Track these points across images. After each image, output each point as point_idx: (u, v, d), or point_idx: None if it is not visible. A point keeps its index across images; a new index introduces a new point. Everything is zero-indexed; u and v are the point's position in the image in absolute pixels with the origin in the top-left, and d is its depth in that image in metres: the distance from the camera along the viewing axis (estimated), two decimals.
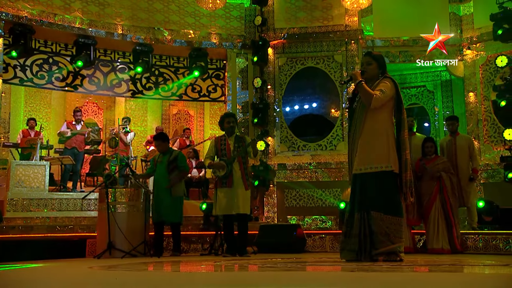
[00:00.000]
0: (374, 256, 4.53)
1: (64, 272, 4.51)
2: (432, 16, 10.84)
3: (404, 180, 4.63)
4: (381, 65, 4.80)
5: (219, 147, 6.71)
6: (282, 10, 10.57)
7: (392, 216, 4.55)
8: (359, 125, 4.70)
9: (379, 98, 4.55)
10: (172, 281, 3.47)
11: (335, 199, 9.83)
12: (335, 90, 10.30)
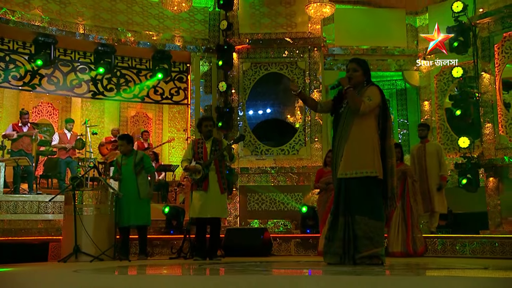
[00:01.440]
0: (358, 259, 4.45)
1: (54, 276, 4.14)
2: (390, 27, 11.03)
3: (390, 186, 4.59)
4: (366, 72, 4.74)
5: (196, 150, 6.50)
6: (247, 15, 10.44)
7: (375, 221, 4.49)
8: (346, 130, 4.62)
9: (367, 105, 4.50)
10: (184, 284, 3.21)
11: (297, 203, 9.75)
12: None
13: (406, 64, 10.94)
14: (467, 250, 7.37)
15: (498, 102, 8.92)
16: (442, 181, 8.14)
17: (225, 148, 6.42)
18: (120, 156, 7.16)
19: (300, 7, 10.29)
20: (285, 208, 9.83)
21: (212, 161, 6.36)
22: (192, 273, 4.10)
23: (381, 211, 4.55)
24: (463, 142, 8.94)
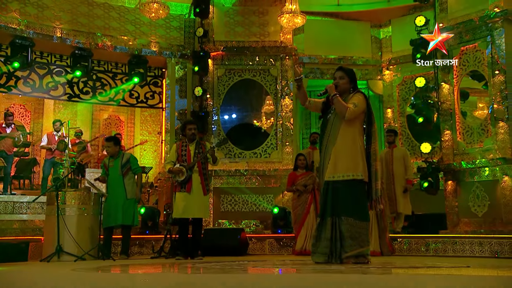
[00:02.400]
0: (345, 259, 4.53)
1: (58, 275, 4.06)
2: (355, 38, 11.30)
3: (375, 188, 4.70)
4: (352, 79, 4.84)
5: (180, 153, 6.52)
6: (222, 23, 10.49)
7: (361, 221, 4.58)
8: (333, 135, 4.71)
9: (352, 111, 4.60)
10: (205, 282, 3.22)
11: (268, 204, 9.85)
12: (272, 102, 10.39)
13: (371, 74, 11.22)
14: (431, 249, 7.63)
15: (456, 111, 9.25)
16: (408, 184, 8.41)
17: (209, 151, 6.46)
18: (108, 157, 7.11)
19: (273, 17, 10.42)
20: (256, 209, 9.91)
21: (195, 163, 6.39)
22: (192, 272, 4.10)
23: (366, 212, 4.66)
24: (425, 147, 9.23)
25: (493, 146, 8.68)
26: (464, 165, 8.94)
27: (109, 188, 6.86)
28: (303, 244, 7.79)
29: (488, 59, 8.90)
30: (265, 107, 10.67)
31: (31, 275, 3.96)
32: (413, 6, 10.69)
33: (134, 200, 6.95)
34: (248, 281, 3.17)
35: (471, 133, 9.05)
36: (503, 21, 8.82)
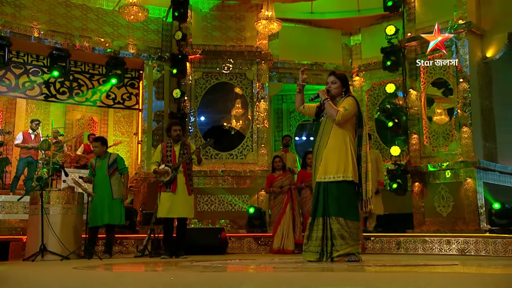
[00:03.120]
0: (336, 257, 4.55)
1: (62, 274, 3.97)
2: (327, 45, 11.48)
3: (365, 189, 4.74)
4: (344, 84, 4.87)
5: (165, 153, 6.48)
6: (199, 28, 10.48)
7: (352, 221, 4.60)
8: (325, 138, 4.75)
9: (343, 114, 4.65)
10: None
11: (244, 204, 9.89)
12: (246, 105, 10.42)
13: None
14: (402, 248, 7.83)
15: (423, 116, 9.53)
16: (380, 186, 8.60)
17: (195, 152, 6.45)
18: (95, 158, 7.01)
19: (249, 23, 10.48)
20: (232, 209, 9.94)
21: (181, 164, 6.37)
22: (202, 270, 4.07)
23: (357, 212, 4.69)
24: (395, 150, 9.47)
25: (457, 150, 8.99)
26: (430, 168, 9.22)
27: (96, 188, 6.75)
28: (280, 243, 7.86)
29: (453, 68, 9.22)
30: (235, 110, 10.70)
31: (35, 274, 3.87)
32: (381, 15, 10.93)
33: (121, 199, 6.87)
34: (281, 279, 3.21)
35: (437, 137, 9.35)
36: (467, 32, 9.16)
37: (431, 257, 6.80)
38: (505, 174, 9.54)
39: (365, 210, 4.76)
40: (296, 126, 12.48)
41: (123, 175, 6.97)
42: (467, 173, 8.80)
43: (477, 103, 9.14)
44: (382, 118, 10.21)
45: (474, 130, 8.92)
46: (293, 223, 7.91)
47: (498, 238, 7.25)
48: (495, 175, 9.25)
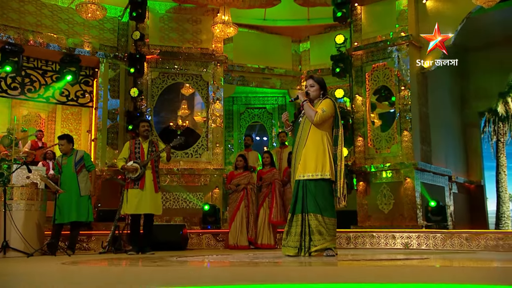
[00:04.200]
0: (313, 252, 4.63)
1: (53, 269, 3.77)
2: (278, 51, 11.68)
3: (340, 186, 4.86)
4: (322, 87, 4.96)
5: (133, 150, 6.35)
6: (156, 29, 10.32)
7: (328, 218, 4.70)
8: (303, 138, 4.82)
9: (321, 115, 4.74)
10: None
11: (198, 201, 9.84)
12: (201, 105, 10.39)
13: (291, 84, 11.65)
14: (351, 243, 8.12)
15: (368, 120, 9.91)
16: None
17: (164, 149, 6.37)
18: (61, 155, 6.72)
19: (205, 26, 10.46)
20: (187, 206, 9.86)
21: (149, 161, 6.28)
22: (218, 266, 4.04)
23: (333, 209, 4.80)
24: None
25: (398, 152, 9.44)
26: (373, 168, 9.61)
27: (63, 186, 6.47)
28: (235, 239, 7.91)
29: (395, 76, 9.67)
30: (181, 111, 10.64)
31: (31, 271, 3.69)
32: (329, 25, 11.26)
33: (88, 196, 6.64)
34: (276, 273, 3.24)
35: (380, 140, 9.76)
36: (408, 44, 9.64)
37: (384, 251, 7.10)
38: (438, 175, 10.13)
39: (340, 206, 4.86)
40: (246, 127, 12.59)
41: (90, 172, 6.75)
42: (407, 173, 9.26)
43: (416, 110, 9.64)
44: None
45: (413, 134, 9.40)
46: (247, 220, 7.98)
47: (437, 233, 7.69)
48: (429, 175, 9.79)
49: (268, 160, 8.16)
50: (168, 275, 2.98)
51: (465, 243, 7.33)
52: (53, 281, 2.78)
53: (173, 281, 2.65)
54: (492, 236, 7.21)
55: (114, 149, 10.03)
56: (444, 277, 2.60)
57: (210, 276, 2.97)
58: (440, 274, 2.88)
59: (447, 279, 2.46)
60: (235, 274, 3.09)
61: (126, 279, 2.71)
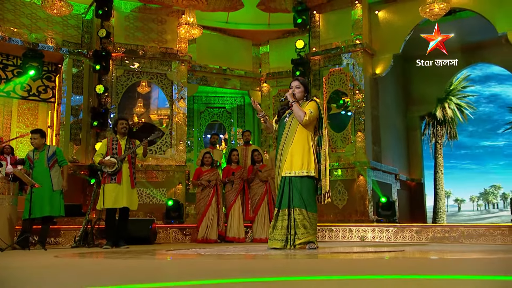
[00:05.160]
0: (298, 245, 4.69)
1: (51, 262, 3.61)
2: (239, 53, 11.72)
3: (323, 184, 4.95)
4: (306, 89, 5.05)
5: (111, 146, 6.21)
6: (122, 27, 10.09)
7: (312, 213, 4.77)
8: (290, 137, 4.88)
9: (309, 116, 4.81)
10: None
11: (162, 197, 9.73)
12: (165, 104, 10.26)
13: (251, 85, 11.73)
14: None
15: (324, 121, 10.04)
16: None
17: (142, 143, 6.28)
18: (32, 150, 6.44)
19: (170, 26, 10.35)
20: (150, 201, 9.72)
21: (126, 155, 6.18)
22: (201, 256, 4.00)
23: (316, 204, 4.89)
24: None
25: (352, 152, 9.76)
26: (329, 167, 9.86)
27: (35, 180, 6.21)
28: (205, 233, 7.91)
29: (350, 81, 9.98)
30: (136, 109, 10.47)
31: (32, 265, 3.54)
32: (288, 31, 11.43)
33: (60, 191, 6.41)
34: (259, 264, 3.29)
35: (336, 140, 10.04)
36: (362, 51, 9.99)
37: (343, 243, 7.32)
38: (386, 173, 10.56)
39: (323, 202, 4.97)
40: (206, 125, 12.56)
41: (62, 167, 6.53)
42: (359, 171, 9.59)
43: (368, 112, 9.99)
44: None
45: (366, 135, 9.75)
46: (217, 215, 8.00)
47: (390, 226, 8.03)
48: (379, 173, 10.18)
49: (237, 158, 8.21)
50: (183, 268, 2.97)
51: (415, 236, 7.70)
52: (75, 274, 2.70)
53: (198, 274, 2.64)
54: (439, 229, 7.63)
55: (77, 145, 9.73)
56: (439, 269, 2.76)
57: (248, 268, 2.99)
58: (435, 266, 3.04)
59: (444, 271, 2.62)
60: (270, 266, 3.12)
61: (170, 272, 2.67)
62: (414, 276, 2.23)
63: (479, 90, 24.28)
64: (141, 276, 2.40)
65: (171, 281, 2.09)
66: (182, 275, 2.40)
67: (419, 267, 2.96)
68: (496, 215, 28.24)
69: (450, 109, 19.48)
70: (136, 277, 2.38)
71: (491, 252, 4.58)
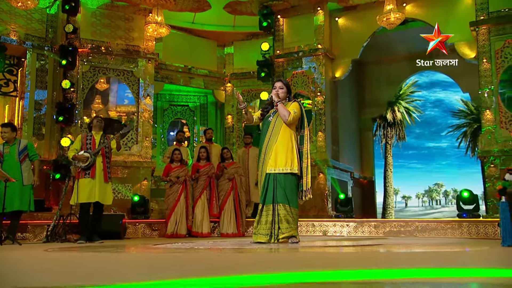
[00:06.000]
0: (281, 239, 4.74)
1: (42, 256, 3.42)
2: (204, 53, 11.64)
3: (305, 181, 4.99)
4: (289, 89, 5.12)
5: (85, 141, 6.01)
6: (88, 23, 9.75)
7: (294, 208, 4.83)
8: (275, 135, 4.91)
9: (293, 116, 4.88)
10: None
11: (127, 192, 9.51)
12: (132, 101, 10.02)
13: (215, 84, 11.68)
14: None
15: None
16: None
17: (115, 137, 6.12)
18: (2, 144, 6.09)
19: (137, 24, 10.12)
20: (115, 197, 9.44)
21: (100, 149, 6.00)
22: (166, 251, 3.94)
23: (297, 200, 4.96)
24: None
25: (313, 150, 9.92)
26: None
27: None
28: (174, 228, 7.81)
29: (311, 83, 10.15)
30: (94, 105, 10.20)
31: (30, 258, 3.36)
32: (252, 33, 11.49)
33: (31, 186, 6.13)
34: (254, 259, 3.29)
35: None
36: (323, 55, 10.18)
37: (308, 237, 7.43)
38: (343, 171, 10.82)
39: (305, 198, 5.03)
40: (169, 122, 12.39)
41: (33, 162, 6.24)
42: (320, 169, 9.78)
43: (328, 114, 10.20)
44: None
45: (326, 135, 9.95)
46: (186, 210, 7.92)
47: (350, 221, 8.25)
48: (337, 172, 10.43)
49: (204, 155, 8.16)
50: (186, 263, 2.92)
51: (374, 230, 7.95)
52: (82, 267, 2.60)
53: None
54: (395, 224, 7.91)
55: (40, 140, 9.32)
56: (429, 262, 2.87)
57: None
58: (421, 259, 3.16)
59: (433, 263, 2.73)
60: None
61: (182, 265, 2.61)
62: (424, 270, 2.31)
63: (425, 95, 25.47)
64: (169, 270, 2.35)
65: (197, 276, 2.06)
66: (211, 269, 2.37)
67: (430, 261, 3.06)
68: (438, 211, 29.64)
69: (399, 112, 20.25)
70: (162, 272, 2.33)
71: (458, 245, 4.82)
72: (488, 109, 8.51)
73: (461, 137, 24.85)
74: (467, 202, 8.25)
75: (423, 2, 9.86)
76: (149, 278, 1.94)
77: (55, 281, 1.94)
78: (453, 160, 29.44)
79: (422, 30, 11.09)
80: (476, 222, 7.34)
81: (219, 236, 8.08)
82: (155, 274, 2.06)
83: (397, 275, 2.06)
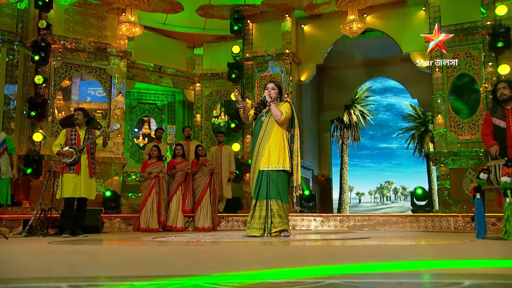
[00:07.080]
0: (273, 233, 4.80)
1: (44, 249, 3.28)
2: (175, 54, 11.53)
3: (295, 178, 5.06)
4: (280, 90, 5.21)
5: (69, 137, 5.80)
6: (61, 20, 9.41)
7: (285, 204, 4.91)
8: (268, 134, 4.96)
9: (285, 116, 4.96)
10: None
11: (99, 187, 9.24)
12: (103, 98, 9.75)
13: (185, 84, 11.59)
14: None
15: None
16: (231, 175, 9.07)
17: (101, 134, 5.96)
18: None
19: (110, 23, 9.87)
20: None
21: (85, 146, 5.83)
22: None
23: (288, 196, 5.05)
24: (235, 147, 10.07)
25: None
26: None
27: None
28: (146, 222, 7.71)
29: (281, 86, 10.28)
30: (57, 101, 9.89)
31: (35, 251, 3.21)
32: (221, 36, 11.50)
33: (8, 180, 5.86)
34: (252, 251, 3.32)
35: None
36: (290, 60, 10.36)
37: None
38: (306, 169, 11.06)
39: (296, 194, 5.11)
40: (137, 120, 12.17)
41: (11, 156, 5.96)
42: None
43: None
44: (229, 120, 10.68)
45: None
46: (158, 205, 7.83)
47: (318, 216, 8.46)
48: (302, 170, 10.60)
49: (180, 152, 8.10)
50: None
51: (339, 224, 8.20)
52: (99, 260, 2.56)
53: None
54: (359, 218, 8.19)
55: (10, 134, 8.87)
56: (424, 254, 3.03)
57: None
58: (416, 252, 3.31)
59: (427, 256, 2.88)
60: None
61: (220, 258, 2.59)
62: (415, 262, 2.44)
63: (378, 100, 26.45)
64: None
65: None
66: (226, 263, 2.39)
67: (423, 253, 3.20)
68: (388, 206, 30.76)
69: (355, 115, 20.91)
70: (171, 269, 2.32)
71: (434, 238, 5.08)
72: (439, 114, 8.96)
73: (409, 139, 25.99)
74: (420, 198, 8.69)
75: (382, 14, 10.26)
76: (195, 273, 1.95)
77: (109, 272, 1.92)
78: (402, 160, 30.78)
79: (378, 40, 11.61)
80: (432, 216, 7.74)
81: (193, 230, 8.05)
82: (195, 269, 2.07)
83: (401, 267, 2.17)
